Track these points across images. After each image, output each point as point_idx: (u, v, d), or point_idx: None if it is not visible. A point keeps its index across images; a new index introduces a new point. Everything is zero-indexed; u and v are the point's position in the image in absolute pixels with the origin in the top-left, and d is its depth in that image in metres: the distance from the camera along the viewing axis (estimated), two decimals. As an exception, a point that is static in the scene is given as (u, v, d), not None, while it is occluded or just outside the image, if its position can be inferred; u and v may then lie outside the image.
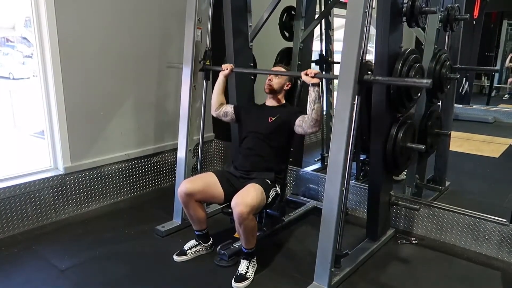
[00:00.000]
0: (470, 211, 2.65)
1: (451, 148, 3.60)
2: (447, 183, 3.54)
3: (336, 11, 4.14)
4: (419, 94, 2.59)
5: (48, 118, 2.96)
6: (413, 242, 2.74)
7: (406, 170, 3.07)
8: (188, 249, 2.52)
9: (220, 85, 2.72)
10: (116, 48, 3.17)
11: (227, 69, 2.68)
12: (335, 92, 3.52)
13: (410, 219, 2.87)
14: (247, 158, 2.49)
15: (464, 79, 6.94)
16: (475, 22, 5.55)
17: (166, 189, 3.67)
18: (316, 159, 4.16)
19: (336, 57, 4.03)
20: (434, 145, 3.16)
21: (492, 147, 5.19)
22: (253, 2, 3.11)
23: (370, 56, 2.64)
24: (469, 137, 5.61)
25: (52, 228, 2.90)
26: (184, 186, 2.33)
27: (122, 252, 2.59)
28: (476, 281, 2.36)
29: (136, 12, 3.25)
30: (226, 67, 2.69)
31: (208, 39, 2.88)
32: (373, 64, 2.53)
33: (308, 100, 2.29)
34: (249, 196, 2.15)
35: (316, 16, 3.65)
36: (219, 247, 2.50)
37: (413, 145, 2.63)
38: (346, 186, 2.10)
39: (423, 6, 2.38)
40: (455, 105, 3.52)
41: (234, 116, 2.68)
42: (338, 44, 4.00)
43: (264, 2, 3.24)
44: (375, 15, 2.38)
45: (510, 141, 5.34)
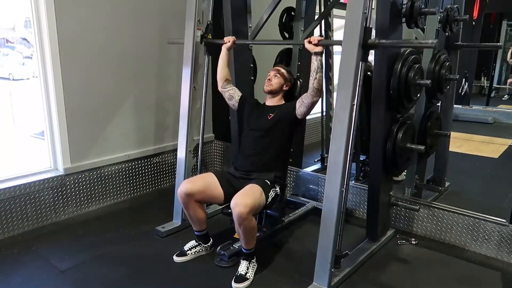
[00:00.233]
0: (470, 212, 2.65)
1: (451, 148, 3.61)
2: (447, 184, 3.55)
3: (336, 12, 4.14)
4: (418, 95, 2.60)
5: (48, 118, 2.96)
6: (412, 242, 2.75)
7: (406, 171, 3.07)
8: (188, 249, 2.52)
9: (223, 58, 2.71)
10: (116, 48, 3.18)
11: (229, 41, 2.68)
12: (335, 93, 3.51)
13: (410, 220, 2.88)
14: (247, 158, 2.49)
15: (464, 79, 6.98)
16: (474, 23, 5.55)
17: (166, 189, 3.67)
18: (316, 160, 4.16)
19: (336, 57, 4.03)
20: (433, 145, 3.16)
21: (491, 147, 5.18)
22: (253, 3, 3.12)
23: (370, 57, 2.64)
24: (468, 137, 5.61)
25: (52, 229, 2.90)
26: (184, 186, 2.34)
27: (122, 253, 2.59)
28: (475, 281, 2.36)
29: (136, 12, 3.25)
30: (228, 39, 2.69)
31: (210, 12, 2.86)
32: (372, 64, 2.54)
33: (311, 69, 2.32)
34: (248, 196, 2.16)
35: (316, 17, 3.65)
36: (219, 247, 2.50)
37: (412, 145, 2.64)
38: (346, 186, 2.11)
39: (423, 7, 2.39)
40: (454, 105, 3.53)
41: (237, 105, 2.67)
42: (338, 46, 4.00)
43: (264, 2, 3.25)
44: (375, 16, 2.39)
45: (509, 141, 5.34)
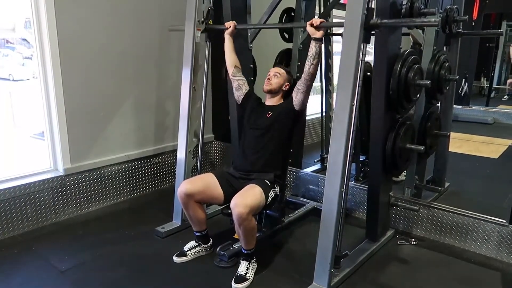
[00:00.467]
0: (470, 212, 2.65)
1: (451, 149, 3.61)
2: (447, 184, 3.55)
3: (336, 12, 4.14)
4: (418, 95, 2.60)
5: (48, 119, 2.96)
6: (412, 242, 2.75)
7: (406, 171, 3.07)
8: (188, 250, 2.52)
9: (228, 45, 2.71)
10: (116, 48, 3.18)
11: (230, 26, 2.69)
12: (335, 94, 3.52)
13: (410, 220, 2.88)
14: (246, 158, 2.49)
15: (464, 80, 6.98)
16: (474, 24, 5.54)
17: (166, 190, 3.67)
18: (316, 160, 4.16)
19: (336, 58, 4.03)
20: (433, 146, 3.16)
21: (491, 148, 5.18)
22: (252, 4, 3.12)
23: (370, 57, 2.64)
24: (468, 138, 5.61)
25: (52, 229, 2.90)
26: (183, 186, 2.34)
27: (122, 253, 2.59)
28: (475, 281, 2.36)
29: (136, 12, 3.25)
30: (229, 24, 2.70)
31: None
32: (372, 65, 2.54)
33: (308, 54, 2.33)
34: (248, 197, 2.16)
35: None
36: (218, 248, 2.50)
37: (412, 146, 2.64)
38: (345, 187, 2.11)
39: (422, 7, 2.39)
40: (454, 106, 3.53)
41: (242, 98, 2.66)
42: (338, 46, 4.01)
43: (264, 3, 3.25)
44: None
45: (509, 142, 5.34)
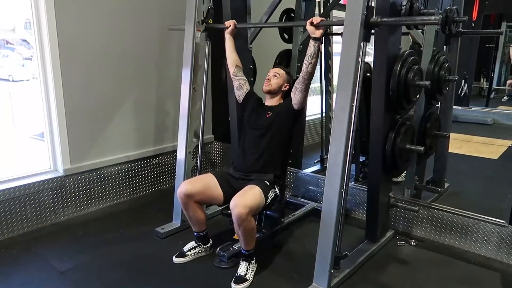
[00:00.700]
0: (469, 213, 2.65)
1: (450, 149, 3.60)
2: (446, 185, 3.55)
3: (335, 13, 4.14)
4: (418, 96, 2.60)
5: (47, 120, 2.96)
6: (412, 243, 2.75)
7: (405, 172, 3.07)
8: (187, 250, 2.52)
9: (228, 44, 2.73)
10: (116, 49, 3.18)
11: (229, 25, 2.70)
12: (334, 94, 3.51)
13: (410, 221, 2.88)
14: (246, 159, 2.49)
15: (463, 81, 6.98)
16: (474, 24, 5.55)
17: (166, 190, 3.67)
18: (316, 161, 4.17)
19: (335, 58, 4.03)
20: (433, 146, 3.16)
21: (491, 148, 5.18)
22: (252, 4, 3.12)
23: (369, 58, 2.65)
24: (468, 138, 5.60)
25: (51, 230, 2.90)
26: (183, 187, 2.34)
27: (122, 254, 2.59)
28: (475, 282, 2.36)
29: (136, 12, 3.26)
30: (229, 23, 2.71)
31: None
32: (371, 65, 2.55)
33: (307, 53, 2.33)
34: (247, 197, 2.16)
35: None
36: (218, 248, 2.50)
37: (412, 146, 2.64)
38: (345, 187, 2.11)
39: (422, 8, 2.39)
40: (454, 106, 3.53)
41: (243, 98, 2.66)
42: (337, 46, 4.01)
43: (264, 4, 3.25)
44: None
45: (509, 142, 5.34)
